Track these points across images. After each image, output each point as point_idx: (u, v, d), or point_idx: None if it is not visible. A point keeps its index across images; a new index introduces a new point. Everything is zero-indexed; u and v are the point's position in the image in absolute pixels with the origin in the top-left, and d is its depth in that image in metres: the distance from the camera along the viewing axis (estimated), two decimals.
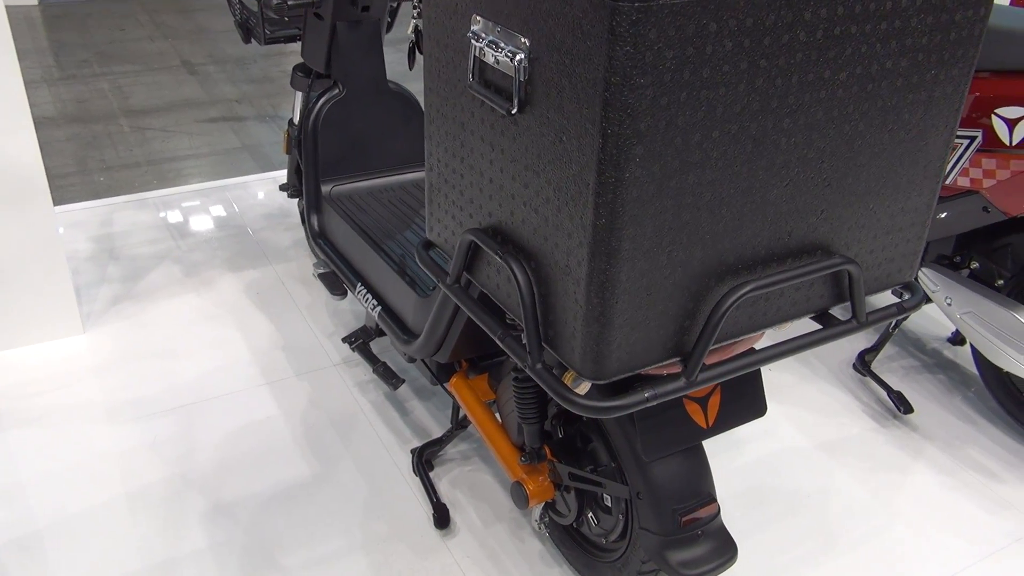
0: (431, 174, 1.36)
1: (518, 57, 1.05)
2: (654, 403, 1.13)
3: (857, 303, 1.24)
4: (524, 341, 1.18)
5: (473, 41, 1.13)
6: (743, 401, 1.41)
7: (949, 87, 1.17)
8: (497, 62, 1.10)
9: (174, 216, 3.15)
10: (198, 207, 3.23)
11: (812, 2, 0.98)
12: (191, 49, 5.22)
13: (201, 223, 3.11)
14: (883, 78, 1.10)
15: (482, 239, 1.21)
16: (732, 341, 1.21)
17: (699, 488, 1.42)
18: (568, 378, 1.17)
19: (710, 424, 1.38)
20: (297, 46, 5.35)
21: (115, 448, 2.06)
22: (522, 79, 1.06)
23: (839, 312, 1.33)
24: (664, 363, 1.14)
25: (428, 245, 1.43)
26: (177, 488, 1.96)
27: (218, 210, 3.21)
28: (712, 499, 1.43)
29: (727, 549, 1.43)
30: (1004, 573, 1.83)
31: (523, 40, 1.04)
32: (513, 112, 1.08)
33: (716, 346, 1.19)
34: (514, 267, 1.15)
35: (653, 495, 1.40)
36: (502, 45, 1.08)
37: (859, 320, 1.26)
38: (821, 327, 1.28)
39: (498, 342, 1.23)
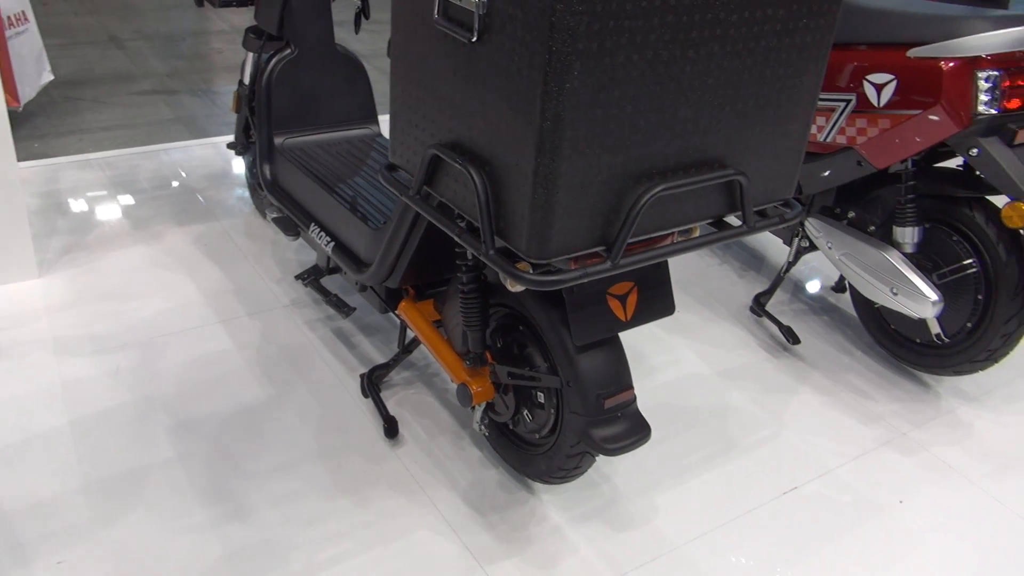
0: (395, 105, 1.58)
1: None
2: (585, 280, 1.38)
3: (747, 210, 1.53)
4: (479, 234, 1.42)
5: None
6: (656, 300, 1.69)
7: (818, 34, 1.47)
8: (460, 0, 1.34)
9: (118, 175, 3.26)
10: (141, 168, 3.35)
11: None
12: (118, 25, 5.26)
13: (145, 182, 3.23)
14: (764, 22, 1.38)
15: (443, 151, 1.45)
16: (646, 236, 1.48)
17: (619, 376, 1.69)
18: (520, 268, 1.42)
19: (628, 317, 1.65)
20: (224, 25, 5.44)
21: (78, 376, 2.20)
22: (481, 12, 1.30)
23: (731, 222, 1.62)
24: (590, 250, 1.40)
25: (392, 168, 1.66)
26: (142, 409, 2.12)
27: (161, 170, 3.34)
28: (630, 386, 1.70)
29: (642, 428, 1.70)
30: (872, 469, 2.17)
31: None
32: (473, 40, 1.32)
33: (633, 240, 1.45)
34: (472, 171, 1.39)
35: (580, 381, 1.66)
36: None
37: (748, 225, 1.55)
38: (717, 230, 1.56)
39: (455, 237, 1.47)
